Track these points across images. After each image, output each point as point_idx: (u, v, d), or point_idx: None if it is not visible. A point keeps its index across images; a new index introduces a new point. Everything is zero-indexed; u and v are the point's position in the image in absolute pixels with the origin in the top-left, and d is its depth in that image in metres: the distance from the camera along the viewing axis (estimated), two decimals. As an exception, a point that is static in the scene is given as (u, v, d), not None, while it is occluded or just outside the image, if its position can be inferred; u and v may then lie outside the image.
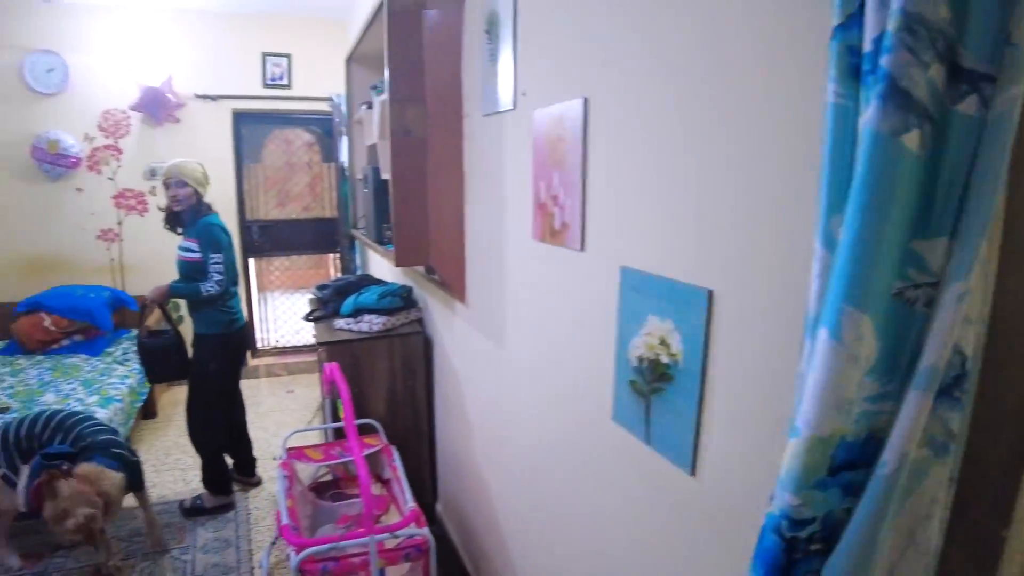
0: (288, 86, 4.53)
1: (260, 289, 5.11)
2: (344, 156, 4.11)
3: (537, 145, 1.46)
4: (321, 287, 3.03)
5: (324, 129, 4.78)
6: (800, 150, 0.78)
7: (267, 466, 3.26)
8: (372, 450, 2.43)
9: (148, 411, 3.93)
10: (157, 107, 4.23)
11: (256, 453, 3.27)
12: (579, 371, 1.39)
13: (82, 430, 2.43)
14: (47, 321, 3.95)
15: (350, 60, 3.12)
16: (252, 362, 4.84)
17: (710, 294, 0.94)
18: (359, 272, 4.48)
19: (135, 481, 2.47)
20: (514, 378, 1.80)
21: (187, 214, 2.71)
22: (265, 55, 4.47)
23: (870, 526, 0.60)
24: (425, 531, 1.88)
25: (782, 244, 0.82)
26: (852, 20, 0.59)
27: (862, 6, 0.58)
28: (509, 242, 1.74)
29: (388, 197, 2.53)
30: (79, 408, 2.94)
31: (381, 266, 3.82)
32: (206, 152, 4.31)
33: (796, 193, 0.79)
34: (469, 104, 1.98)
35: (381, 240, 2.63)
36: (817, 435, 0.61)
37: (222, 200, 4.48)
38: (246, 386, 4.36)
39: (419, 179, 2.25)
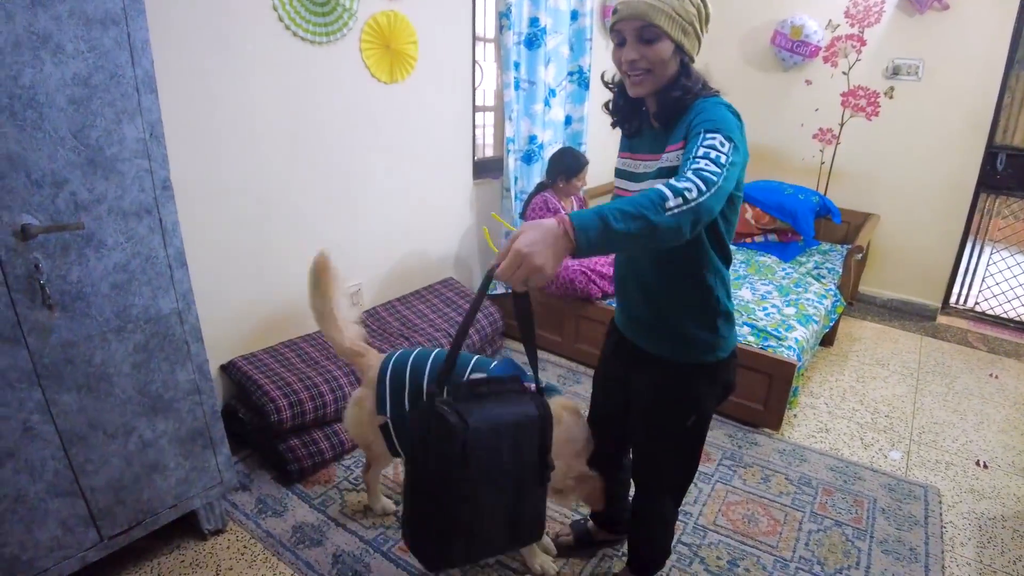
0: None
1: (977, 236, 3.97)
2: None
3: None
4: None
5: None
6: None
7: (959, 464, 2.53)
8: None
9: (826, 338, 3.58)
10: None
11: (950, 442, 2.67)
12: None
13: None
14: (749, 213, 4.02)
15: None
16: (940, 318, 4.03)
17: None
18: None
19: None
20: None
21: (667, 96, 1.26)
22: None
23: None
24: None
25: None
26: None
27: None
28: None
29: None
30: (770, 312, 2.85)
31: None
32: (970, 52, 3.49)
33: None
34: None
35: None
36: None
37: (974, 114, 3.60)
38: (928, 345, 3.62)
39: None
